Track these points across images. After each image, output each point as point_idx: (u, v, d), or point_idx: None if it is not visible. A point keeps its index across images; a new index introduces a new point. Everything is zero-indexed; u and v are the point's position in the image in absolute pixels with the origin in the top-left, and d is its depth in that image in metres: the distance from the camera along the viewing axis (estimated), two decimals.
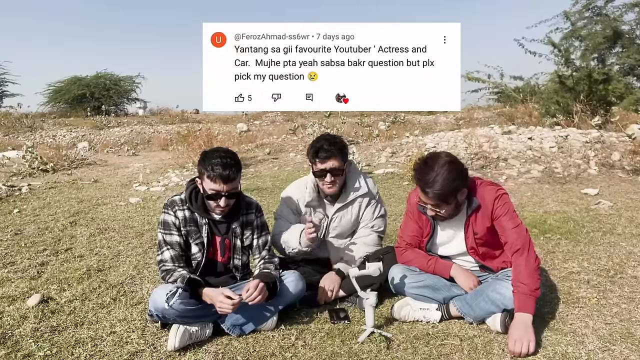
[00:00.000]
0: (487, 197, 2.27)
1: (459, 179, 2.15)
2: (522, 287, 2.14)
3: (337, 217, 2.73)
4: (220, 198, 2.26)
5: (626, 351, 2.06)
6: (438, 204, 2.20)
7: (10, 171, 8.02)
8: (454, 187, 2.14)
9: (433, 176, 2.12)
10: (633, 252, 3.38)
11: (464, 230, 2.35)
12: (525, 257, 2.19)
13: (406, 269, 2.49)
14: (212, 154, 2.28)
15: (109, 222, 4.61)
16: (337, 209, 2.71)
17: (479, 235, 2.32)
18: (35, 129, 16.99)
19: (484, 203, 2.27)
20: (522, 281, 2.14)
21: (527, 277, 2.14)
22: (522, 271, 2.16)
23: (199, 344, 2.20)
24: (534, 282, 2.14)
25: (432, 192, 2.14)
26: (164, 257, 2.32)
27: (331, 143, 2.57)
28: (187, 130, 13.49)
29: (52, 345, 2.18)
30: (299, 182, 2.80)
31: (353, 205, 2.74)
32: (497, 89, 13.42)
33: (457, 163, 2.19)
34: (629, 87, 11.42)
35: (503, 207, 2.26)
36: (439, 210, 2.23)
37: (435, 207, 2.22)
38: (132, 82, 23.49)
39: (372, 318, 2.19)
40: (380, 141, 10.33)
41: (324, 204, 2.74)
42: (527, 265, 2.17)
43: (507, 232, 2.24)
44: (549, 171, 6.55)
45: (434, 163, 2.16)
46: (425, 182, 2.15)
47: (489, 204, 2.26)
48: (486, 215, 2.28)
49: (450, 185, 2.12)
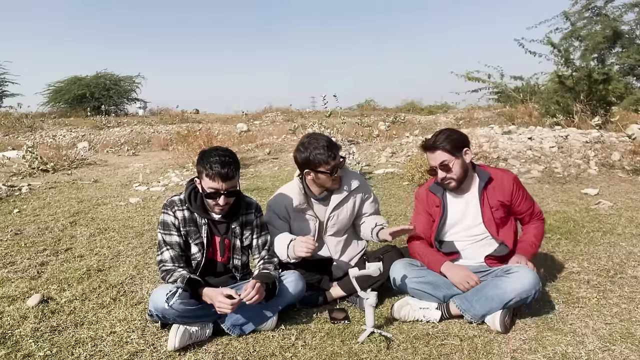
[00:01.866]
0: (505, 177, 2.50)
1: (459, 135, 2.45)
2: (529, 239, 2.54)
3: (334, 215, 2.73)
4: (219, 196, 2.26)
5: (626, 351, 2.06)
6: (447, 159, 2.38)
7: (10, 171, 8.02)
8: (460, 140, 2.41)
9: (437, 135, 2.43)
10: (633, 252, 3.38)
11: (480, 203, 2.46)
12: (541, 225, 2.63)
13: (408, 265, 2.51)
14: (210, 152, 2.28)
15: (109, 222, 4.61)
16: (334, 208, 2.71)
17: (495, 209, 2.46)
18: (35, 129, 16.98)
19: (497, 178, 2.49)
20: (531, 237, 2.55)
21: (535, 236, 2.56)
22: (535, 231, 2.58)
23: (199, 344, 2.20)
24: (538, 241, 2.58)
25: (440, 144, 2.38)
26: (163, 257, 2.32)
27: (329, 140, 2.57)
28: (187, 130, 13.48)
29: (52, 345, 2.19)
30: (284, 188, 2.77)
31: (348, 202, 2.74)
32: (497, 89, 13.39)
33: (456, 129, 2.51)
34: (628, 87, 11.41)
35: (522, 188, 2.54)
36: (449, 169, 2.39)
37: (445, 167, 2.39)
38: (132, 82, 23.45)
39: (372, 318, 2.19)
40: (380, 141, 10.32)
41: (312, 206, 2.74)
42: (538, 229, 2.59)
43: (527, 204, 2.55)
44: (549, 171, 6.55)
45: (438, 131, 2.48)
46: (432, 140, 2.42)
47: (507, 180, 2.48)
48: (500, 190, 2.47)
49: (453, 136, 2.41)
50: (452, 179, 2.43)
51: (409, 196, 5.44)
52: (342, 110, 14.22)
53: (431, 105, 25.95)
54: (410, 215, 2.83)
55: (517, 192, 2.50)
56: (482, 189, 2.47)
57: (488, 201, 2.46)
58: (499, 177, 2.49)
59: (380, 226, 2.68)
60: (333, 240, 2.78)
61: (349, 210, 2.75)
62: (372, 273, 2.27)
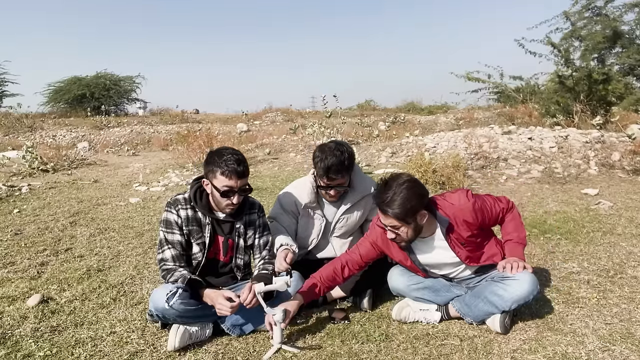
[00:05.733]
0: (462, 208, 2.25)
1: (417, 199, 2.14)
2: (512, 236, 2.39)
3: (344, 218, 2.73)
4: (234, 194, 2.27)
5: (626, 351, 2.06)
6: (396, 225, 2.17)
7: (10, 171, 8.02)
8: (412, 207, 2.13)
9: (391, 195, 2.12)
10: (633, 252, 3.38)
11: (451, 248, 2.30)
12: (511, 214, 2.44)
13: (404, 271, 2.49)
14: (221, 152, 2.29)
15: (109, 222, 4.61)
16: (345, 211, 2.71)
17: (467, 244, 2.30)
18: (35, 129, 16.99)
19: (457, 217, 2.25)
20: (511, 233, 2.40)
21: (514, 230, 2.40)
22: (510, 225, 2.42)
23: (199, 344, 2.20)
24: (521, 232, 2.41)
25: (390, 211, 2.12)
26: (164, 255, 2.32)
27: (341, 162, 2.51)
28: (187, 131, 13.49)
29: (52, 345, 2.18)
30: (298, 183, 2.78)
31: (359, 206, 2.74)
32: (497, 89, 13.38)
33: (416, 183, 2.19)
34: (628, 87, 11.41)
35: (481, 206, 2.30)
36: (398, 231, 2.19)
37: (394, 229, 2.19)
38: (132, 82, 23.46)
39: (279, 335, 2.12)
40: (380, 141, 10.33)
41: (322, 205, 2.74)
42: (513, 220, 2.43)
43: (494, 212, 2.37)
44: (549, 171, 6.55)
45: (393, 182, 2.16)
46: (383, 200, 2.14)
47: (467, 213, 2.25)
48: (463, 225, 2.26)
49: (407, 204, 2.11)
50: (402, 240, 2.24)
51: None
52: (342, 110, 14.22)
53: (431, 106, 25.94)
54: None
55: (481, 215, 2.30)
56: (446, 234, 2.27)
57: (457, 242, 2.29)
58: (458, 215, 2.26)
59: None
60: (339, 242, 2.78)
61: (359, 214, 2.76)
62: (279, 288, 2.15)
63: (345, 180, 2.59)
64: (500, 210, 2.39)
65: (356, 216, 2.75)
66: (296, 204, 2.70)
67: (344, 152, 2.54)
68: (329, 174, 2.51)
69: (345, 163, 2.52)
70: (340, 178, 2.55)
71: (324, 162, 2.50)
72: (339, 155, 2.51)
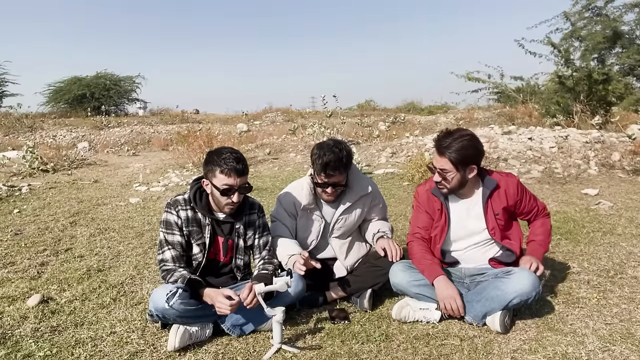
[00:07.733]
0: (510, 182, 2.45)
1: (473, 151, 2.33)
2: (538, 238, 2.52)
3: (342, 218, 2.73)
4: (233, 193, 2.27)
5: (626, 351, 2.06)
6: (448, 169, 2.32)
7: (10, 171, 8.02)
8: (468, 155, 2.31)
9: (451, 140, 2.31)
10: (633, 252, 3.38)
11: (484, 211, 2.43)
12: (548, 220, 2.60)
13: (406, 267, 2.50)
14: (220, 151, 2.30)
15: (109, 222, 4.61)
16: (343, 211, 2.71)
17: (499, 215, 2.43)
18: (35, 129, 16.98)
19: (502, 185, 2.44)
20: (538, 235, 2.53)
21: (542, 233, 2.53)
22: (540, 228, 2.55)
23: (199, 344, 2.20)
24: (547, 238, 2.54)
25: (447, 153, 2.30)
26: (165, 256, 2.32)
27: (339, 159, 2.51)
28: (187, 131, 13.50)
29: (52, 345, 2.18)
30: (296, 184, 2.78)
31: (358, 206, 2.74)
32: (497, 89, 13.38)
33: (477, 140, 2.37)
34: (628, 87, 11.42)
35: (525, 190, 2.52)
36: (447, 176, 2.34)
37: (444, 172, 2.34)
38: (132, 82, 23.44)
39: (279, 334, 2.12)
40: (381, 141, 10.33)
41: (321, 206, 2.74)
42: (544, 225, 2.57)
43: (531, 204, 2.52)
44: (549, 171, 6.55)
45: (456, 132, 2.36)
46: (444, 142, 2.32)
47: (512, 186, 2.44)
48: (505, 197, 2.43)
49: (464, 151, 2.30)
50: (445, 186, 2.39)
51: (409, 196, 5.44)
52: (342, 110, 14.23)
53: (431, 106, 25.95)
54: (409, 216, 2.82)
55: (521, 196, 2.47)
56: (488, 197, 2.42)
57: (492, 209, 2.42)
58: (503, 183, 2.44)
59: (381, 233, 2.67)
60: (338, 242, 2.78)
61: (357, 214, 2.75)
62: (279, 288, 2.15)
63: (342, 178, 2.58)
64: (536, 207, 2.54)
65: (354, 216, 2.75)
66: (295, 204, 2.69)
67: (342, 150, 2.54)
68: (326, 170, 2.51)
69: (343, 160, 2.53)
70: (338, 175, 2.54)
71: (322, 158, 2.50)
72: (337, 152, 2.52)
